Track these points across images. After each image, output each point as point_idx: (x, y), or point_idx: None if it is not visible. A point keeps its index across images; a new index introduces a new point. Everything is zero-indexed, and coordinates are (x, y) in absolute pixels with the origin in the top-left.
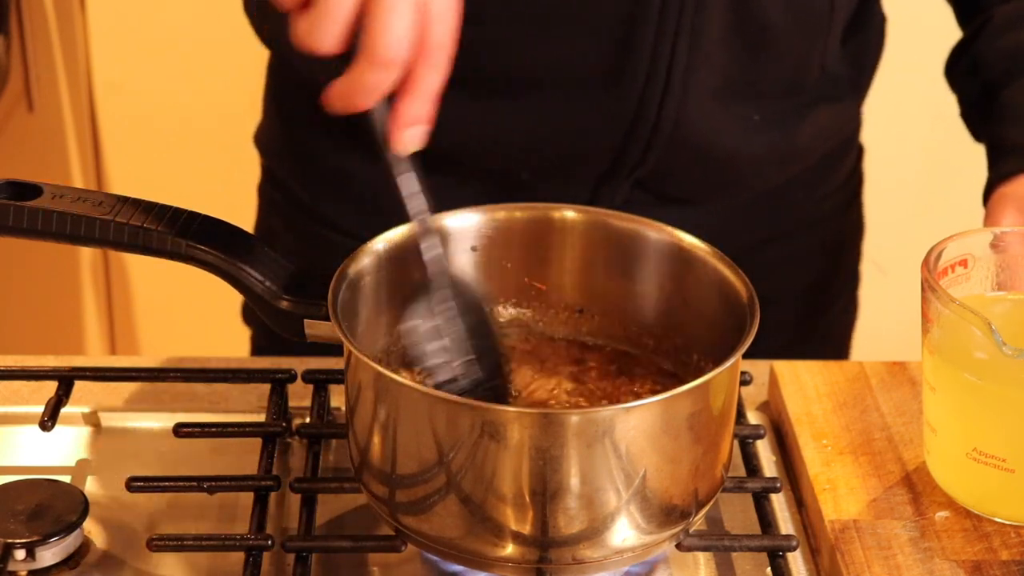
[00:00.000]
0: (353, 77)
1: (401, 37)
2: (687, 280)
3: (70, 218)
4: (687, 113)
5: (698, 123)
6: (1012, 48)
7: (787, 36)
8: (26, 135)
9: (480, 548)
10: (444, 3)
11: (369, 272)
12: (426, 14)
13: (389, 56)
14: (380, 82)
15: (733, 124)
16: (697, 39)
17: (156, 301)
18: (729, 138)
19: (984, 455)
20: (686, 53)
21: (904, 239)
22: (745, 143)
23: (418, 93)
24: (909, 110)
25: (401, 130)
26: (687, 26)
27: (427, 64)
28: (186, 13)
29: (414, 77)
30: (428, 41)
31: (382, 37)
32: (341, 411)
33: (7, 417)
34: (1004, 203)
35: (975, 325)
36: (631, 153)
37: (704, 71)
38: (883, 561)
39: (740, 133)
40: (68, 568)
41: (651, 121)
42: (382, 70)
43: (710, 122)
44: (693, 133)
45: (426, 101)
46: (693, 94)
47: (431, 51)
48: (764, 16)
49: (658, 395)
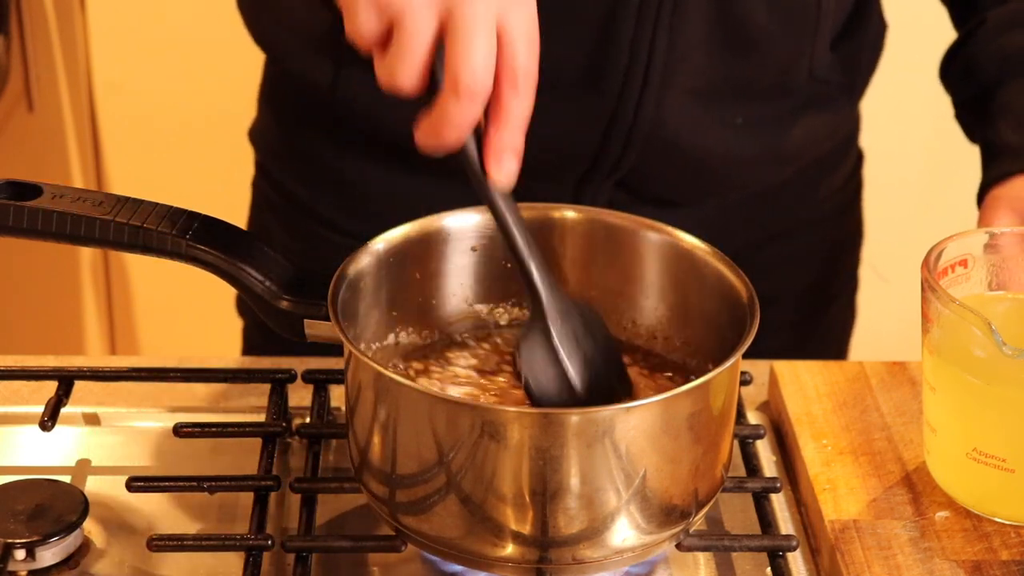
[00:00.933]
0: (438, 112)
1: (483, 66)
2: (687, 280)
3: (70, 218)
4: (666, 114)
5: (677, 124)
6: (1005, 50)
7: (771, 39)
8: (26, 135)
9: (480, 548)
10: (523, 26)
11: (369, 272)
12: (506, 39)
13: (473, 87)
14: (467, 115)
15: (714, 126)
16: (676, 39)
17: (156, 301)
18: (710, 140)
19: (984, 455)
20: (665, 53)
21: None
22: (727, 145)
23: (507, 122)
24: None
25: (497, 162)
26: (665, 25)
27: (513, 91)
28: (186, 13)
29: (501, 105)
30: (511, 67)
31: (464, 69)
32: (341, 411)
33: (7, 417)
34: (997, 204)
35: (975, 325)
36: (610, 153)
37: (684, 72)
38: (883, 561)
39: (721, 135)
40: (68, 568)
41: (629, 120)
42: (468, 102)
43: (690, 123)
44: (672, 134)
45: (517, 130)
46: (672, 94)
47: (515, 77)
48: (746, 18)
49: (658, 395)
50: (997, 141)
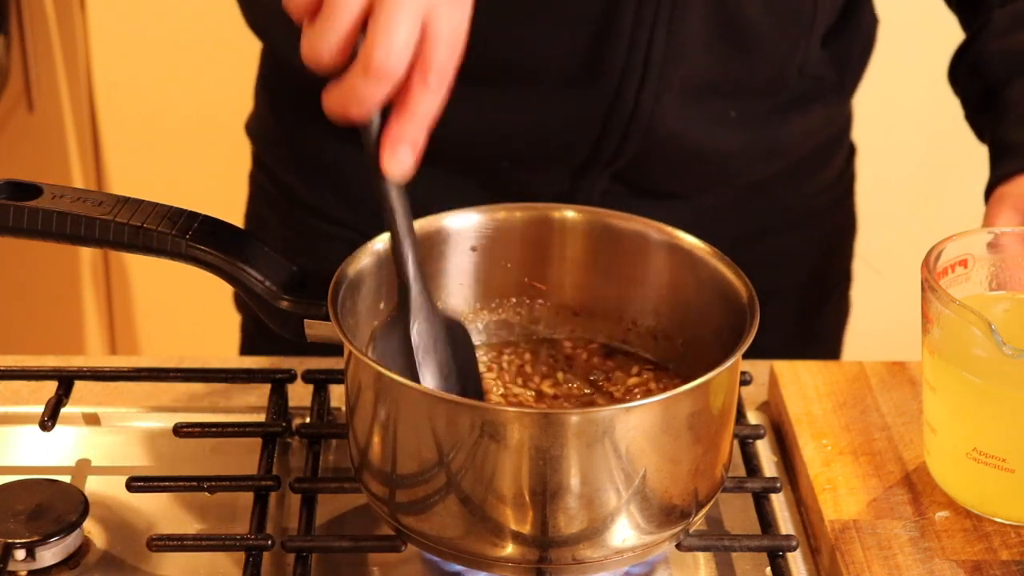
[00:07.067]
0: (346, 84)
1: (399, 50)
2: (687, 280)
3: (70, 218)
4: (663, 107)
5: (674, 117)
6: (1011, 49)
7: (767, 36)
8: (26, 135)
9: (480, 548)
10: (450, 26)
11: (369, 272)
12: (429, 33)
13: (383, 67)
14: (372, 94)
15: (709, 120)
16: (674, 33)
17: (156, 301)
18: (705, 134)
19: (984, 455)
20: (663, 46)
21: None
22: (721, 139)
23: (411, 115)
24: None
25: (389, 149)
26: (664, 19)
27: (423, 85)
28: (186, 13)
29: (408, 97)
30: (427, 61)
31: (378, 48)
32: (341, 411)
33: (7, 417)
34: (1002, 203)
35: (975, 325)
36: (607, 145)
37: (681, 66)
38: (883, 561)
39: (715, 129)
40: (68, 568)
41: (627, 114)
42: (374, 81)
43: (686, 117)
44: (668, 127)
45: (419, 125)
46: (670, 88)
47: (428, 72)
48: (744, 15)
49: (658, 395)
50: (1004, 140)
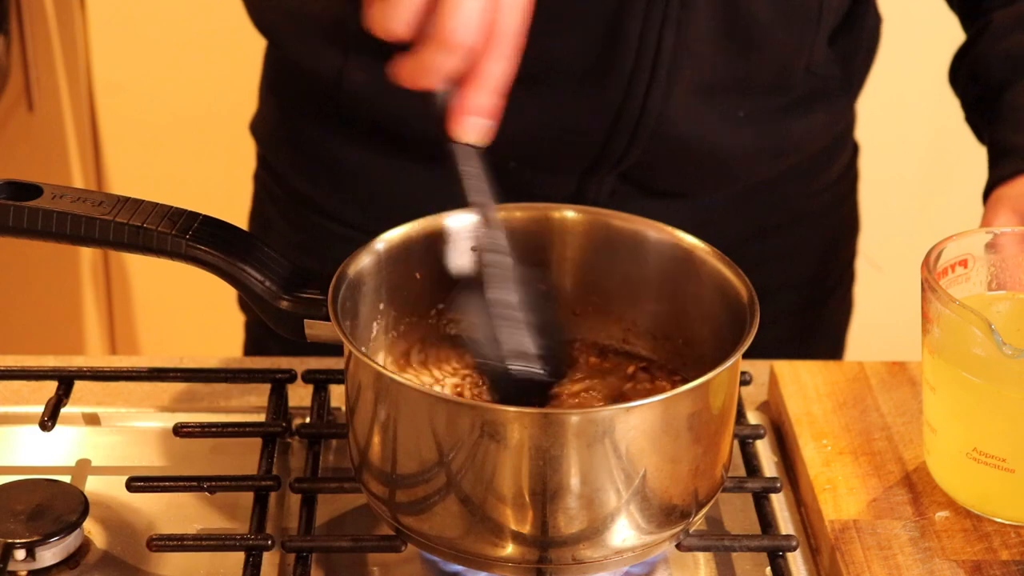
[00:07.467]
0: (419, 57)
1: (470, 21)
2: (687, 280)
3: (70, 218)
4: (672, 107)
5: (682, 117)
6: (1011, 51)
7: (774, 34)
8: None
9: (480, 548)
10: None
11: (369, 272)
12: (497, 3)
13: (455, 39)
14: (444, 64)
15: (717, 119)
16: (683, 33)
17: (156, 301)
18: (713, 133)
19: (984, 455)
20: (672, 47)
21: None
22: (729, 139)
23: (483, 83)
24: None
25: (461, 118)
26: (673, 20)
27: (495, 54)
28: (186, 13)
29: (480, 67)
30: (497, 30)
31: (451, 20)
32: (341, 411)
33: (7, 417)
34: (999, 204)
35: (975, 325)
36: (616, 145)
37: (690, 66)
38: (883, 561)
39: (724, 128)
40: (68, 568)
41: (636, 114)
42: (447, 52)
43: (694, 116)
44: (677, 127)
45: (490, 92)
46: (678, 88)
47: (499, 40)
48: (751, 14)
49: (658, 395)
50: (1002, 141)
